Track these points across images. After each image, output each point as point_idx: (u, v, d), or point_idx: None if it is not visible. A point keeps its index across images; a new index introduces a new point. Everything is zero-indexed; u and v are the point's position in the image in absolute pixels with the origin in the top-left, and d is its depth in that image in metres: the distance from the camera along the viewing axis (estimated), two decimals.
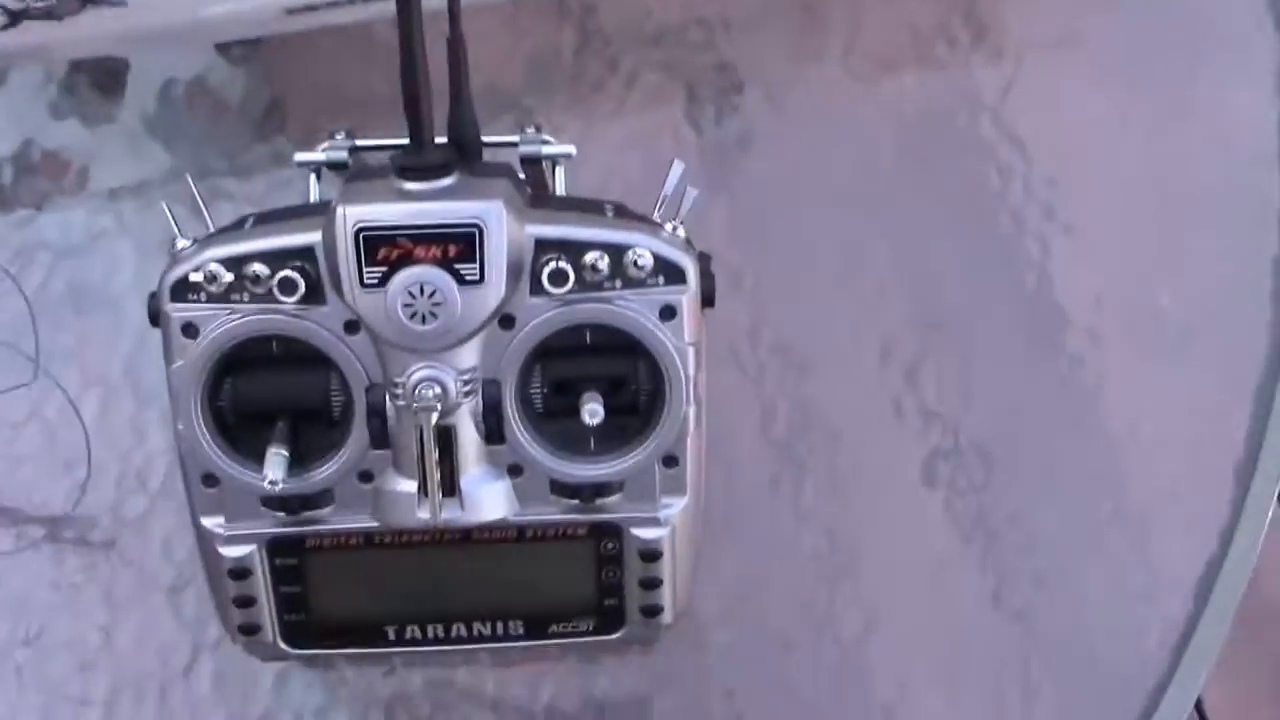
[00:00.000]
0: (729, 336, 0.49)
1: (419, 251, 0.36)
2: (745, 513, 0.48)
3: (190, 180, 0.39)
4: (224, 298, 0.37)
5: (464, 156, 0.37)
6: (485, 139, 0.39)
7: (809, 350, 0.50)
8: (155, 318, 0.38)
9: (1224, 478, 0.50)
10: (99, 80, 0.50)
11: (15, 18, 0.44)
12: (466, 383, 0.37)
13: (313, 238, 0.36)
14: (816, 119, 0.51)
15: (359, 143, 0.41)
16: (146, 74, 0.50)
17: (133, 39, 0.46)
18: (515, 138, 0.41)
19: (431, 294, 0.36)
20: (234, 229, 0.38)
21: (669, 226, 0.38)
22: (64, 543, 0.46)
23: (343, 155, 0.41)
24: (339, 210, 0.35)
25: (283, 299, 0.36)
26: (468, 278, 0.36)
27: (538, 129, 0.41)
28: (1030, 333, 0.50)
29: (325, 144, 0.41)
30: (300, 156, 0.41)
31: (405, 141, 0.36)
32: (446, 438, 0.38)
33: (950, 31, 0.52)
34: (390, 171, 0.37)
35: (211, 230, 0.38)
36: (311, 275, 0.36)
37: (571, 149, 0.41)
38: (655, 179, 0.38)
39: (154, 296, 0.38)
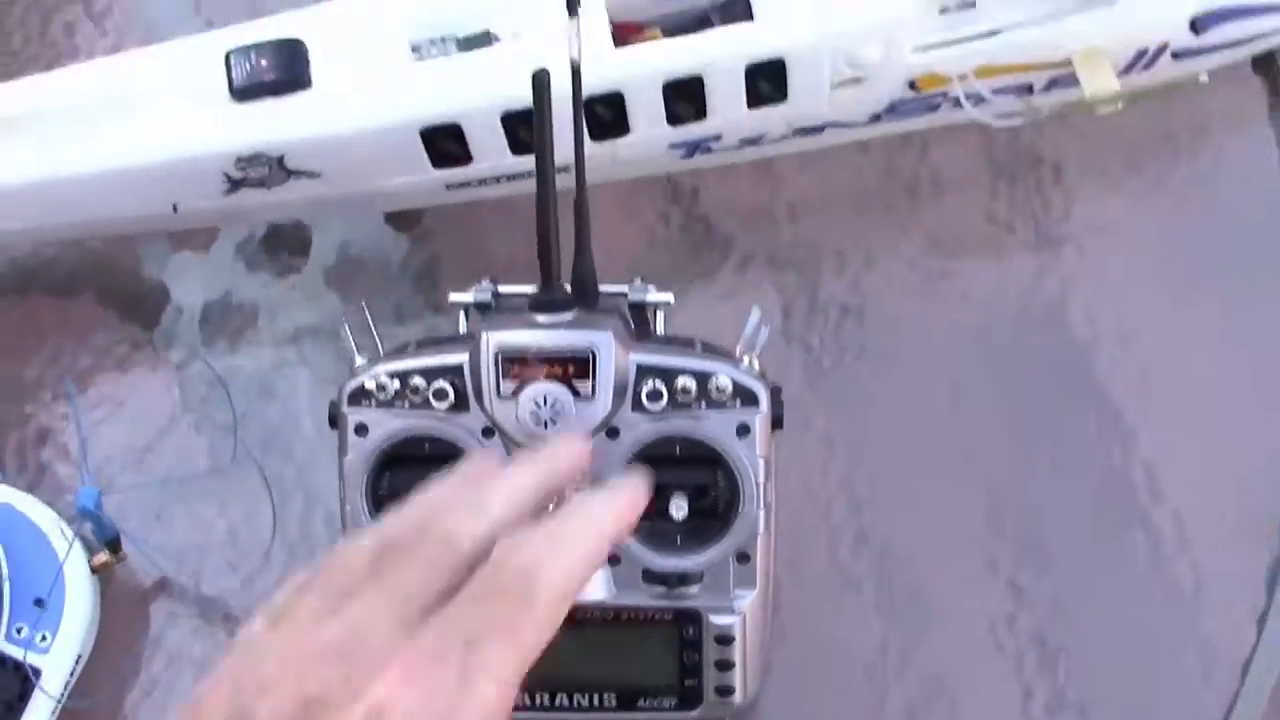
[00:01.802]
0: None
1: (545, 370, 0.45)
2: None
3: (365, 308, 0.48)
4: (389, 404, 0.46)
5: (584, 299, 0.47)
6: (601, 287, 0.48)
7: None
8: (334, 420, 0.47)
9: None
10: (288, 243, 0.61)
11: (235, 185, 0.55)
12: (578, 483, 0.45)
13: (461, 358, 0.46)
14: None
15: (500, 289, 0.50)
16: (327, 239, 0.61)
17: (322, 205, 0.57)
18: (625, 287, 0.50)
19: (553, 404, 0.45)
20: (399, 350, 0.48)
21: (746, 359, 0.46)
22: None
23: (487, 297, 0.50)
24: (483, 335, 0.45)
25: (436, 405, 0.45)
26: (582, 393, 0.45)
27: (643, 280, 0.50)
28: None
29: (474, 288, 0.50)
30: (454, 297, 0.50)
31: (537, 288, 0.46)
32: None
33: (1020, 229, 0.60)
34: (525, 309, 0.46)
35: (381, 351, 0.48)
36: (459, 387, 0.45)
37: (670, 297, 0.50)
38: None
39: (334, 404, 0.47)
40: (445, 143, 0.54)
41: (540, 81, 0.42)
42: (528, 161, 0.53)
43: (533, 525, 0.29)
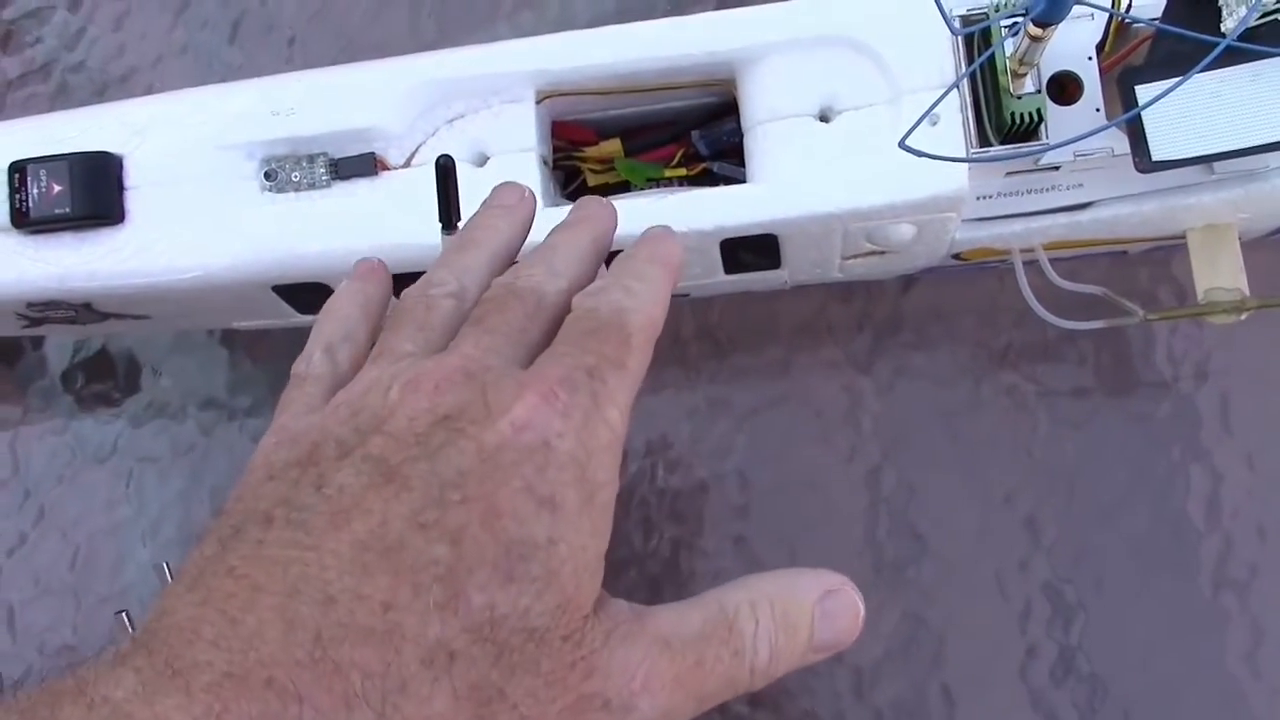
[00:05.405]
0: None
1: None
2: None
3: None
4: None
5: None
6: None
7: None
8: None
9: None
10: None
11: (36, 322, 0.42)
12: None
13: None
14: None
15: None
16: None
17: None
18: None
19: None
20: None
21: None
22: None
23: None
24: None
25: None
26: None
27: None
28: None
29: None
30: None
31: None
32: None
33: None
34: None
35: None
36: None
37: None
38: None
39: None
40: (312, 293, 0.40)
41: (444, 169, 0.31)
42: None
43: (600, 279, 0.27)
